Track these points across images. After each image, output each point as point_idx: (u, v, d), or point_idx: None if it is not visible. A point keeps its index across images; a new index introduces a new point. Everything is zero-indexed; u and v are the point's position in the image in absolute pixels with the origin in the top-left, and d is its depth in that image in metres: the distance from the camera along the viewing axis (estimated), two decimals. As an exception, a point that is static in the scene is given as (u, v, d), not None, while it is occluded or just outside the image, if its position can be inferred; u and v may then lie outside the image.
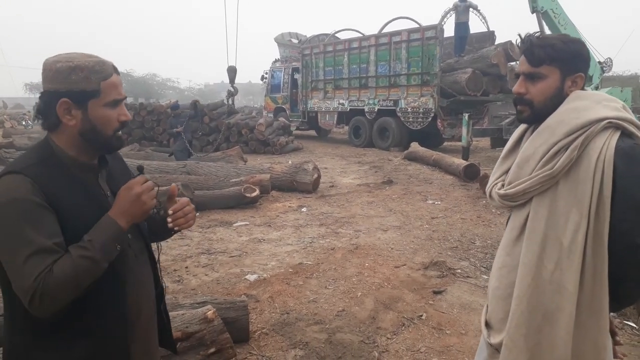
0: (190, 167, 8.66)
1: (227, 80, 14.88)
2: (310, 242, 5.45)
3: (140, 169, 1.46)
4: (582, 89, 1.52)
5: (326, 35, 18.79)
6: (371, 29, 17.20)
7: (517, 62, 12.78)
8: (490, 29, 15.39)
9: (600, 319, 1.41)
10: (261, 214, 6.86)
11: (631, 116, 1.41)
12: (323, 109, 17.41)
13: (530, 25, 12.69)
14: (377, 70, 15.02)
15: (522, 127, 1.63)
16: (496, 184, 1.59)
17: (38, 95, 1.55)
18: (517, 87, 1.53)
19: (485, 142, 14.65)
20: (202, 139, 14.50)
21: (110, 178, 1.44)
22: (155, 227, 1.59)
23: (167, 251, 5.06)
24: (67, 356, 1.30)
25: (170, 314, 1.80)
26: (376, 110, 15.15)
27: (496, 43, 14.48)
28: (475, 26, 16.04)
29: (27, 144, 13.95)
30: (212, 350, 2.59)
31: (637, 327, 3.52)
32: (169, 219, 1.47)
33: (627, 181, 1.33)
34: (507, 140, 1.72)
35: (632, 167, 1.33)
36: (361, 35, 16.61)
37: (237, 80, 14.72)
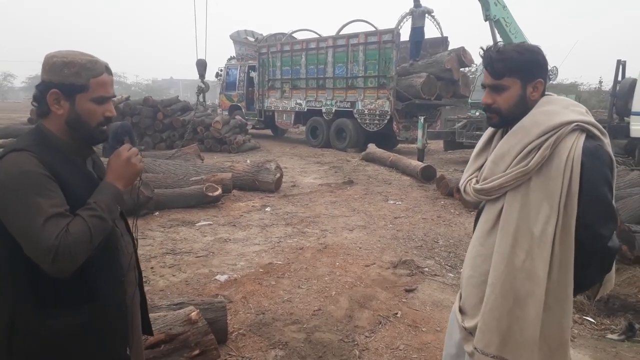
0: (147, 164, 8.36)
1: (176, 77, 14.20)
2: (278, 242, 5.42)
3: (121, 140, 1.53)
4: (544, 92, 1.65)
5: (283, 34, 18.71)
6: (328, 31, 17.31)
7: (469, 68, 13.28)
8: (444, 35, 15.86)
9: (566, 303, 1.56)
10: (224, 213, 6.74)
11: (594, 120, 1.58)
12: (280, 109, 17.31)
13: (482, 32, 13.20)
14: (334, 72, 15.11)
15: (491, 128, 1.77)
16: (471, 179, 1.72)
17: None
18: (484, 98, 1.69)
19: (438, 144, 15.09)
20: (156, 136, 14.05)
21: (95, 165, 1.59)
22: None
23: (130, 251, 4.87)
24: (71, 322, 1.39)
25: (150, 315, 1.87)
26: (333, 111, 15.24)
27: (449, 48, 14.93)
28: (430, 31, 16.51)
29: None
30: (197, 352, 2.52)
31: (595, 322, 3.75)
32: None
33: (592, 178, 1.49)
34: (459, 143, 1.88)
35: (596, 165, 1.50)
36: (319, 36, 16.67)
37: (205, 76, 13.86)
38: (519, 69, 1.59)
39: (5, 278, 1.37)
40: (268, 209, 7.05)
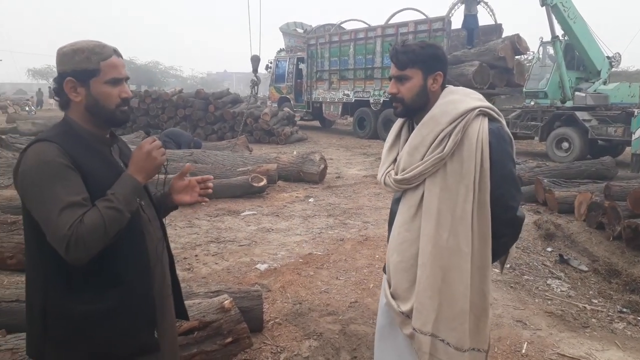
0: (197, 155, 8.62)
1: (230, 70, 14.58)
2: (319, 233, 5.43)
3: (147, 132, 1.53)
4: (444, 84, 1.78)
5: (332, 25, 18.63)
6: (377, 20, 17.06)
7: (525, 56, 12.72)
8: (498, 22, 15.25)
9: (485, 271, 1.71)
10: (268, 203, 6.84)
11: (492, 105, 1.75)
12: (328, 100, 17.31)
13: (538, 18, 12.56)
14: (383, 62, 14.89)
15: (398, 123, 1.91)
16: (388, 172, 1.83)
17: (41, 81, 1.66)
18: (390, 88, 1.83)
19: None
20: (207, 127, 14.44)
21: (122, 153, 1.63)
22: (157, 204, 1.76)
23: (176, 239, 5.05)
24: (100, 306, 1.43)
25: (185, 302, 1.89)
26: (381, 101, 15.05)
27: (503, 36, 14.36)
28: (483, 19, 15.92)
29: (30, 130, 13.91)
30: (229, 339, 2.57)
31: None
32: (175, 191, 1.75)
33: (499, 156, 1.65)
34: (513, 134, 1.99)
35: (501, 144, 1.67)
36: (367, 26, 16.48)
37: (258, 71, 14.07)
38: (421, 60, 1.73)
39: (38, 262, 1.44)
40: (311, 199, 7.08)
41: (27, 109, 27.63)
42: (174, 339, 1.81)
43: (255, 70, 13.48)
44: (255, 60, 13.24)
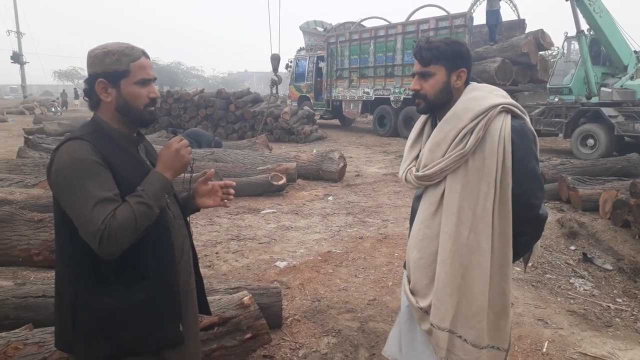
0: (218, 154, 8.72)
1: (250, 69, 14.64)
2: (338, 231, 5.45)
3: (175, 132, 1.56)
4: (467, 81, 1.77)
5: (352, 23, 18.59)
6: (398, 17, 16.93)
7: (550, 51, 12.46)
8: (521, 17, 15.00)
9: (506, 269, 1.70)
10: (288, 201, 6.88)
11: (515, 102, 1.72)
12: (347, 98, 17.28)
13: (563, 13, 12.29)
14: (403, 59, 14.80)
15: (421, 120, 1.90)
16: (410, 169, 1.83)
17: (66, 82, 1.71)
18: (412, 85, 1.81)
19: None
20: (228, 127, 14.58)
21: (147, 152, 1.69)
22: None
23: (198, 237, 5.12)
24: (127, 299, 1.48)
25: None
26: (402, 99, 14.96)
27: (527, 31, 14.11)
28: (506, 14, 15.69)
29: (56, 130, 14.27)
30: (249, 335, 2.61)
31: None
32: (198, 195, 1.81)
33: (522, 153, 1.64)
34: (537, 131, 1.96)
35: (524, 142, 1.66)
36: (388, 23, 16.39)
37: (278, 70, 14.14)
38: (444, 57, 1.72)
39: (68, 257, 1.49)
40: (330, 198, 7.10)
41: (53, 110, 28.31)
42: (196, 334, 1.85)
43: (275, 70, 13.52)
44: (275, 59, 13.28)
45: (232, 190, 1.86)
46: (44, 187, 5.66)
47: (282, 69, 19.49)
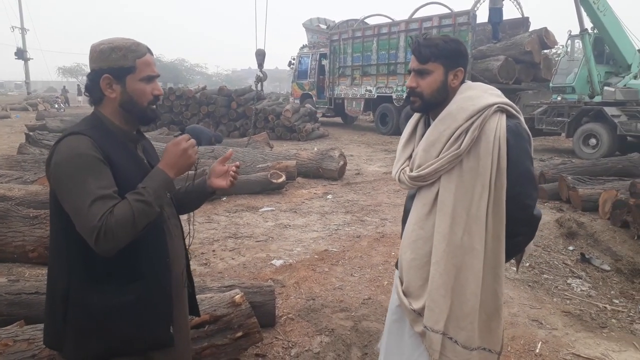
0: (218, 152, 8.71)
1: (254, 67, 14.58)
2: (336, 229, 5.44)
3: (182, 130, 1.55)
4: (463, 80, 1.74)
5: (355, 20, 18.55)
6: (401, 15, 16.87)
7: (554, 50, 12.42)
8: (525, 15, 14.93)
9: (498, 270, 1.68)
10: (287, 200, 6.88)
11: (510, 101, 1.70)
12: (350, 96, 17.26)
13: (566, 11, 12.22)
14: (406, 57, 14.72)
15: (414, 118, 1.87)
16: (403, 169, 1.80)
17: (70, 79, 1.67)
18: (409, 82, 1.77)
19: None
20: (230, 124, 14.58)
21: (145, 151, 1.66)
22: (187, 198, 1.83)
23: (195, 234, 5.05)
24: (120, 299, 1.46)
25: (198, 296, 1.94)
26: (404, 97, 14.90)
27: (530, 30, 14.04)
28: (510, 12, 15.61)
29: (59, 127, 14.30)
30: (240, 334, 2.60)
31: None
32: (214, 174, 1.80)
33: (517, 153, 1.62)
34: (539, 130, 1.92)
35: (519, 141, 1.64)
36: (391, 21, 16.34)
37: (264, 66, 14.20)
38: (443, 55, 1.69)
39: (62, 252, 1.46)
40: (329, 196, 7.09)
41: (56, 106, 28.40)
42: (187, 334, 1.83)
43: (260, 66, 13.23)
44: (260, 55, 12.88)
45: (237, 170, 1.84)
46: (42, 183, 5.68)
47: (284, 66, 19.48)
